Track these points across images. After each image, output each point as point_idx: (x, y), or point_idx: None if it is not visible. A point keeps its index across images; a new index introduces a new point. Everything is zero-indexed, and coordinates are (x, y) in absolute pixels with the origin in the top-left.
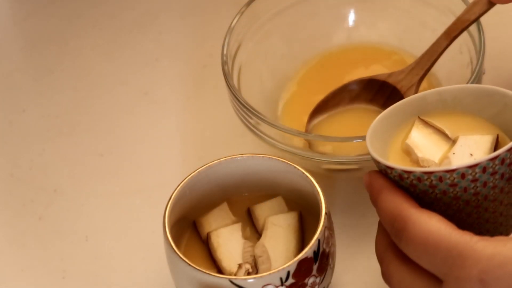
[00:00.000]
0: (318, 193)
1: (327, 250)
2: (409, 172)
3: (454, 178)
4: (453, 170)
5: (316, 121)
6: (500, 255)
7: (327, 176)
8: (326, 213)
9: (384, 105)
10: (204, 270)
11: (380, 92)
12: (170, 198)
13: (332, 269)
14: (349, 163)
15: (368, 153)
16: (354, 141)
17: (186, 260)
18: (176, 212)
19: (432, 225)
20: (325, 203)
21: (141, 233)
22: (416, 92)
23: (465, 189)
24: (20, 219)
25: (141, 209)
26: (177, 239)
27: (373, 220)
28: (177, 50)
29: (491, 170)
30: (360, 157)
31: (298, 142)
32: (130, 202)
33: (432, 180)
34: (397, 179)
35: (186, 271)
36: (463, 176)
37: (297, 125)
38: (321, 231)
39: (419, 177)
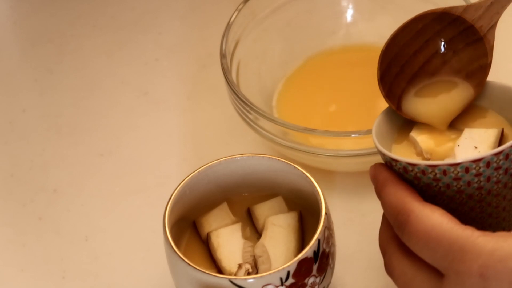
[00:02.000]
0: (318, 193)
1: (327, 250)
2: (413, 165)
3: (458, 172)
4: (457, 164)
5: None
6: (501, 250)
7: (327, 175)
8: (326, 213)
9: (451, 42)
10: (204, 270)
11: (450, 26)
12: (170, 198)
13: (332, 269)
14: (348, 157)
15: (367, 148)
16: (352, 136)
17: (186, 260)
18: (176, 212)
19: (434, 219)
20: (325, 203)
21: (141, 233)
22: (493, 35)
23: (468, 183)
24: (20, 219)
25: (141, 209)
26: (177, 239)
27: (372, 220)
28: (177, 50)
29: (495, 164)
30: (359, 151)
31: (297, 136)
32: (130, 202)
33: (436, 173)
34: (402, 172)
35: (186, 271)
36: (467, 170)
37: (296, 120)
38: (321, 231)
39: (423, 170)
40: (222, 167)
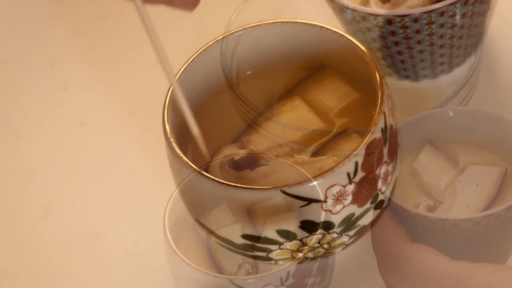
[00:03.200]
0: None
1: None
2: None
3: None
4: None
5: None
6: (495, 287)
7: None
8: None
9: None
10: (204, 270)
11: None
12: (170, 198)
13: (332, 269)
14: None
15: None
16: (353, 135)
17: (186, 260)
18: (176, 212)
19: (427, 257)
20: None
21: (141, 233)
22: None
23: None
24: (20, 219)
25: (141, 209)
26: (177, 239)
27: None
28: (177, 50)
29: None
30: (357, 151)
31: (298, 136)
32: (129, 202)
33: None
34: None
35: (186, 271)
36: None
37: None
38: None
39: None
40: None
